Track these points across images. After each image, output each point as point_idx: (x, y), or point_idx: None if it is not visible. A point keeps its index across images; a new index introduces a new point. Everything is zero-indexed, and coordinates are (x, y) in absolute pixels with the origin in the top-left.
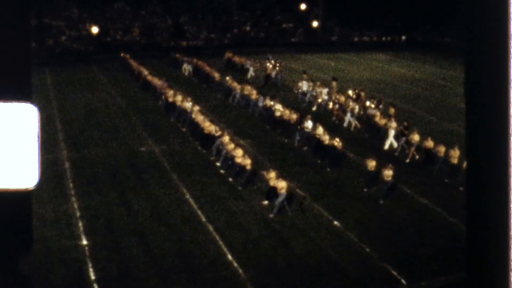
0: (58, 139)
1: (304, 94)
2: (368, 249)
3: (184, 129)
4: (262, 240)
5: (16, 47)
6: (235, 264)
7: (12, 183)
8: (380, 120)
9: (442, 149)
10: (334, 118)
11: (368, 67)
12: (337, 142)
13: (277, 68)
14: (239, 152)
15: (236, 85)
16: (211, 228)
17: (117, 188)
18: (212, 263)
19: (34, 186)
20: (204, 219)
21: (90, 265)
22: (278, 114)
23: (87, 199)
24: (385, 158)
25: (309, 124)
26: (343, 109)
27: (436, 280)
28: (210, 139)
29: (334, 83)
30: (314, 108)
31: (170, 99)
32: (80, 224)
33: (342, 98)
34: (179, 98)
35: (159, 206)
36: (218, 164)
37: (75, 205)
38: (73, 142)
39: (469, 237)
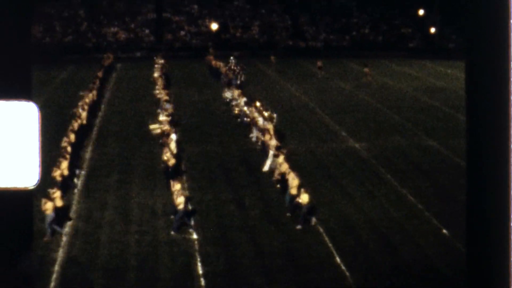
0: None
1: (228, 103)
2: None
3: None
4: (370, 244)
5: (16, 47)
6: (343, 267)
7: (13, 182)
8: (266, 136)
9: (291, 175)
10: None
11: None
12: (168, 159)
13: (235, 71)
14: (63, 164)
15: (159, 91)
16: (321, 229)
17: (230, 184)
18: (319, 264)
19: (35, 185)
20: (315, 220)
21: (198, 259)
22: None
23: (200, 194)
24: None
25: (172, 137)
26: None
27: None
28: None
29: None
30: (239, 119)
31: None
32: (191, 218)
33: (253, 109)
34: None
35: (270, 204)
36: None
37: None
38: (189, 137)
39: (469, 237)
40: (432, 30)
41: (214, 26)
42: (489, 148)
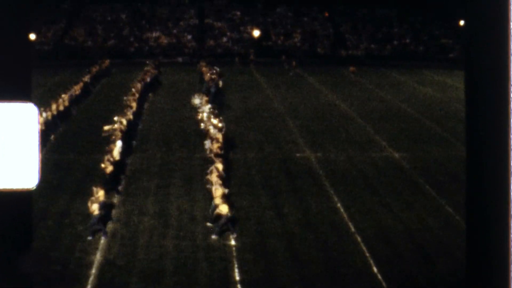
0: None
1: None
2: None
3: None
4: (407, 254)
5: (16, 48)
6: (379, 277)
7: (13, 183)
8: (214, 144)
9: (216, 185)
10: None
11: None
12: (106, 166)
13: (213, 79)
14: None
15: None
16: (359, 238)
17: (269, 191)
18: (356, 274)
19: (35, 186)
20: (353, 229)
21: (235, 265)
22: None
23: (240, 200)
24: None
25: (117, 144)
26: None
27: None
28: None
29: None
30: (202, 126)
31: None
32: (229, 224)
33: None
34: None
35: (309, 212)
36: None
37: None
38: (230, 143)
39: (469, 236)
40: None
41: (256, 33)
42: (489, 148)
